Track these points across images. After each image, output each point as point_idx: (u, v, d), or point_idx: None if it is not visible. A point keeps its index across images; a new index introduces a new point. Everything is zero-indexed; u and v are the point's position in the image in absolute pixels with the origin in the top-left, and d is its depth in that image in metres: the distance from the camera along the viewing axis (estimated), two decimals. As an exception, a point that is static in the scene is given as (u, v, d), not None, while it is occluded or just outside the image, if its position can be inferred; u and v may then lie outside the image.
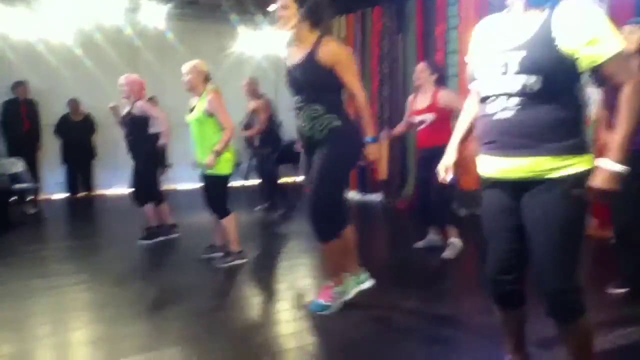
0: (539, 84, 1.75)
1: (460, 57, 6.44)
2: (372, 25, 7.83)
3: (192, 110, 4.30)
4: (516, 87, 1.78)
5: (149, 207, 5.12)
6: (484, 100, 1.92)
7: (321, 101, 2.98)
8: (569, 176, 1.77)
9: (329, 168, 2.99)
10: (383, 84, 7.65)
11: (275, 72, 9.22)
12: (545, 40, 1.74)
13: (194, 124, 4.26)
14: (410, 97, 4.67)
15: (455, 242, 4.45)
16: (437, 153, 4.31)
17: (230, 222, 4.30)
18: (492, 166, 1.91)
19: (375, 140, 3.06)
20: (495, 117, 1.85)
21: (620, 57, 1.70)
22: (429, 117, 4.36)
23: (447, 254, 4.41)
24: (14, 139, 7.82)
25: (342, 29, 8.33)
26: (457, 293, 3.74)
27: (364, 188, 7.97)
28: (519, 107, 1.79)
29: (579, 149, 1.79)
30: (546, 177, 1.79)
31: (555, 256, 1.82)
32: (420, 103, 4.46)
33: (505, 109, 1.82)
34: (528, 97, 1.77)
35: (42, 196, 7.68)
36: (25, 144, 7.82)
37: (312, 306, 3.19)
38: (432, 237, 4.69)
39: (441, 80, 4.52)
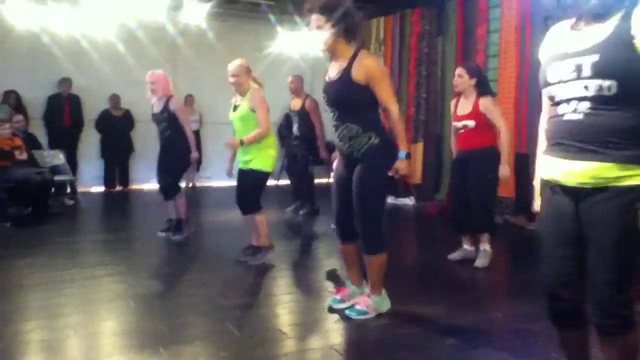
0: (614, 89, 1.65)
1: (501, 61, 6.32)
2: (412, 27, 7.75)
3: (235, 108, 4.32)
4: (590, 91, 1.69)
5: (179, 201, 5.15)
6: (556, 103, 1.83)
7: (358, 119, 2.97)
8: (633, 187, 1.67)
9: (370, 185, 3.00)
10: (421, 86, 7.56)
11: (312, 73, 9.22)
12: (622, 41, 1.65)
13: (237, 121, 4.28)
14: (453, 102, 4.51)
15: (487, 249, 4.32)
16: (472, 156, 4.28)
17: (262, 219, 4.30)
18: (555, 168, 1.83)
19: (407, 156, 3.01)
20: (565, 118, 1.77)
21: None
22: (471, 123, 4.23)
23: (480, 262, 4.28)
24: (56, 133, 8.08)
25: (381, 31, 8.28)
26: (487, 301, 3.65)
27: (396, 192, 7.90)
28: (591, 110, 1.70)
29: None
30: (609, 185, 1.69)
31: (609, 266, 1.73)
32: (462, 109, 4.30)
33: (576, 110, 1.74)
34: (601, 101, 1.68)
35: (81, 189, 7.86)
36: (66, 138, 8.07)
37: (350, 311, 3.16)
38: (467, 247, 4.52)
39: (483, 83, 4.32)
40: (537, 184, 2.04)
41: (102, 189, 8.73)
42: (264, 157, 4.21)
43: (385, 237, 3.12)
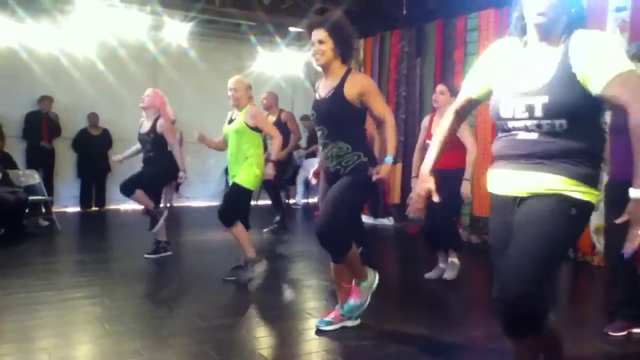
0: (565, 125, 1.74)
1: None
2: (391, 48, 7.86)
3: (230, 121, 4.39)
4: (543, 128, 1.77)
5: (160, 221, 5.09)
6: (505, 125, 1.88)
7: (348, 137, 3.03)
8: (575, 199, 1.75)
9: (347, 193, 3.01)
10: (399, 107, 7.65)
11: (293, 92, 9.29)
12: (566, 80, 1.73)
13: (232, 133, 4.35)
14: (426, 119, 4.59)
15: (455, 262, 4.38)
16: (445, 175, 4.31)
17: (239, 230, 4.31)
18: (505, 182, 1.88)
19: (392, 160, 3.04)
20: (519, 137, 1.83)
21: (629, 76, 1.65)
22: None
23: (448, 275, 4.36)
24: (33, 151, 7.96)
25: (361, 52, 8.37)
26: (466, 320, 3.68)
27: (375, 212, 7.92)
28: (544, 137, 1.78)
29: (592, 182, 1.78)
30: (551, 193, 1.76)
31: (527, 259, 1.73)
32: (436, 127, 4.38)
33: (531, 132, 1.81)
34: (554, 134, 1.77)
35: (56, 209, 7.74)
36: (43, 156, 7.95)
37: (347, 308, 3.20)
38: (442, 266, 4.56)
39: None
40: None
41: (78, 209, 8.60)
42: (249, 174, 4.27)
43: (350, 242, 3.09)
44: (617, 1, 4.98)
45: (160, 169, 5.06)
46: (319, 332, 3.18)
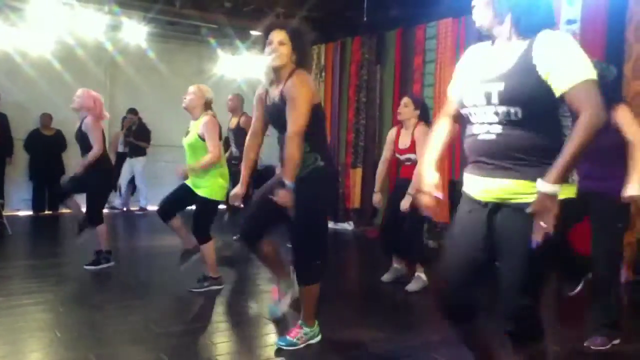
0: (520, 114, 1.79)
1: (436, 90, 6.55)
2: (352, 55, 7.94)
3: (187, 133, 4.24)
4: (500, 116, 1.83)
5: (101, 231, 4.89)
6: (471, 123, 1.96)
7: (306, 142, 2.90)
8: None
9: (310, 215, 2.93)
10: (360, 112, 7.73)
11: (254, 96, 9.26)
12: (524, 70, 1.78)
13: (187, 147, 4.20)
14: (392, 132, 4.58)
15: (421, 276, 4.39)
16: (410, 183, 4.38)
17: (208, 248, 4.19)
18: (474, 185, 1.95)
19: (291, 186, 2.81)
20: (480, 138, 1.90)
21: (587, 85, 1.71)
22: (413, 156, 4.28)
23: (411, 287, 4.37)
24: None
25: (322, 58, 8.42)
26: (424, 324, 3.72)
27: (335, 217, 7.97)
28: (501, 131, 1.84)
29: None
30: (520, 201, 1.80)
31: (520, 278, 1.86)
32: (402, 142, 4.39)
33: (489, 132, 1.87)
34: (510, 124, 1.82)
35: (7, 212, 7.48)
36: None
37: (280, 340, 3.07)
38: (396, 266, 4.63)
39: (425, 115, 4.43)
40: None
41: (30, 212, 8.34)
42: (214, 186, 4.15)
43: (322, 267, 3.04)
44: (568, 14, 5.17)
45: (96, 179, 4.79)
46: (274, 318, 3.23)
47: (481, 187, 1.91)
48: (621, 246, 3.32)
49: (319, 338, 3.13)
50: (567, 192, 1.80)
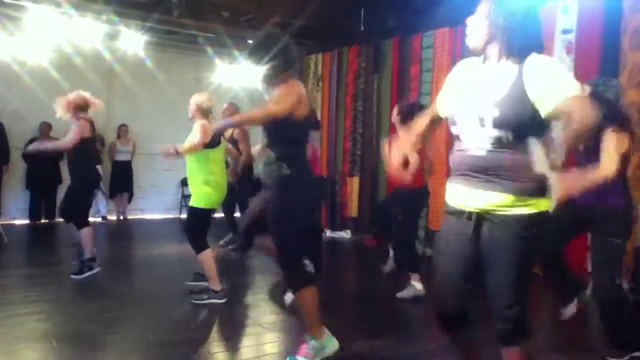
0: (511, 137, 1.89)
1: (433, 99, 6.57)
2: (349, 64, 7.97)
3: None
4: (491, 139, 1.92)
5: (85, 234, 4.87)
6: (459, 139, 2.03)
7: (275, 149, 2.98)
8: (523, 216, 1.89)
9: (277, 221, 2.94)
10: (357, 121, 7.75)
11: (251, 105, 9.26)
12: (518, 97, 1.87)
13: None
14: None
15: (415, 285, 4.35)
16: (405, 193, 4.39)
17: (206, 258, 4.14)
18: (459, 196, 2.02)
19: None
20: (469, 153, 1.98)
21: (575, 97, 1.81)
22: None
23: (402, 294, 4.34)
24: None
25: (319, 67, 8.46)
26: (421, 332, 3.74)
27: (333, 225, 7.97)
28: (492, 150, 1.92)
29: (540, 191, 1.91)
30: (506, 213, 1.91)
31: (509, 287, 1.95)
32: None
33: (479, 148, 1.95)
34: (500, 145, 1.91)
35: (3, 221, 7.45)
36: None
37: (289, 359, 2.94)
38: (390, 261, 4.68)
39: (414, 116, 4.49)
40: None
41: (27, 221, 8.31)
42: (201, 195, 4.15)
43: (304, 271, 3.03)
44: (564, 23, 5.20)
45: (80, 181, 4.88)
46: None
47: (467, 197, 1.99)
48: (620, 262, 3.29)
49: (334, 349, 2.98)
50: (545, 204, 1.91)
